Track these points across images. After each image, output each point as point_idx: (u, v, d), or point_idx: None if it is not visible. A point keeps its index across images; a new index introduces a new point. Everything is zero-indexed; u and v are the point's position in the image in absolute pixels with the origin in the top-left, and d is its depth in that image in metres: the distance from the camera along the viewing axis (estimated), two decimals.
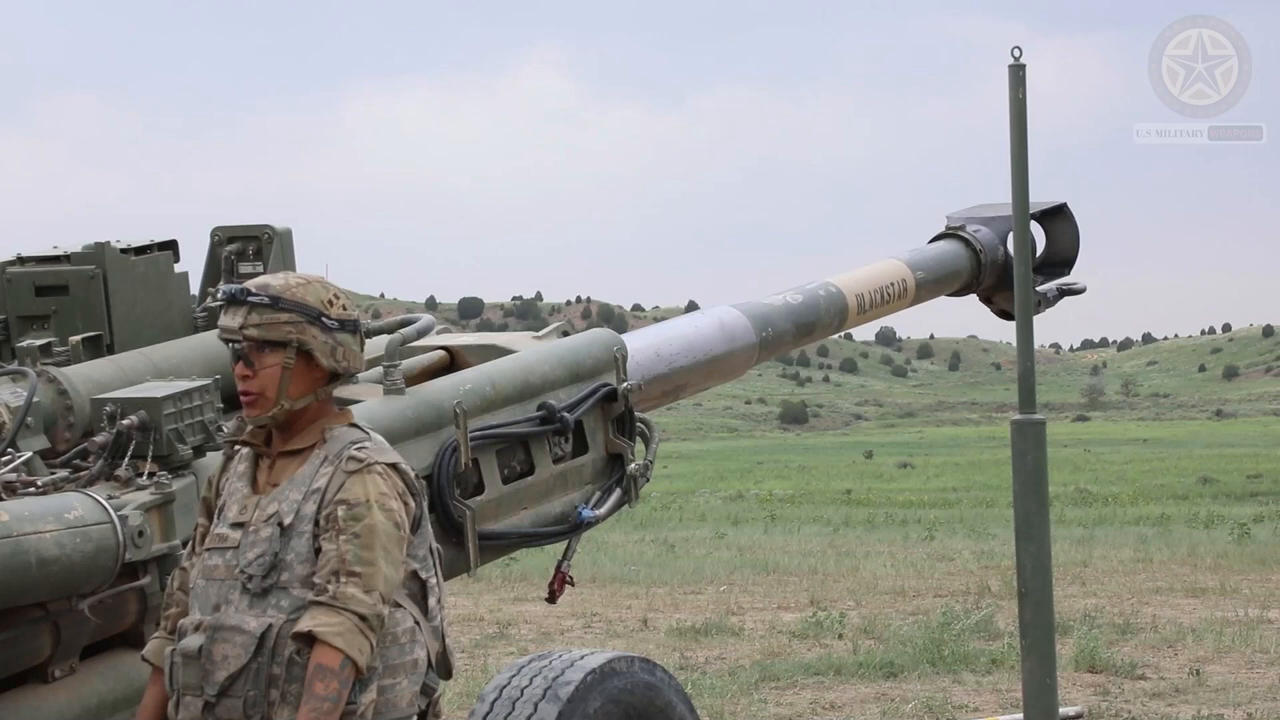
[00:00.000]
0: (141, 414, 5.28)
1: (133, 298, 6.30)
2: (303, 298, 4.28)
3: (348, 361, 4.33)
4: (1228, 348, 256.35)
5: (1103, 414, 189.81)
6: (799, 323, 8.38)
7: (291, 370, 4.28)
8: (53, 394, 5.57)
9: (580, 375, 6.89)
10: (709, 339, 7.87)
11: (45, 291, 6.24)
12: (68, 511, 4.89)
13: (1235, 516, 30.53)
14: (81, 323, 6.17)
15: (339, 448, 4.28)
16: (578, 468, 6.88)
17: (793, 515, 36.52)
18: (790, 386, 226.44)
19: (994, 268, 9.54)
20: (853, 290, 8.70)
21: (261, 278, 4.38)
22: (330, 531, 4.16)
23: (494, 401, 6.46)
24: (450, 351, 7.07)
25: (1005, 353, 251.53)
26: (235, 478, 4.40)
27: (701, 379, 7.91)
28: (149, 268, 6.38)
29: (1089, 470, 66.91)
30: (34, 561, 4.72)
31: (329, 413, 4.38)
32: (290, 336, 4.26)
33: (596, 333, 7.22)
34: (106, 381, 5.71)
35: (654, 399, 7.60)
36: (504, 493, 6.50)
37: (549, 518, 6.73)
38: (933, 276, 9.24)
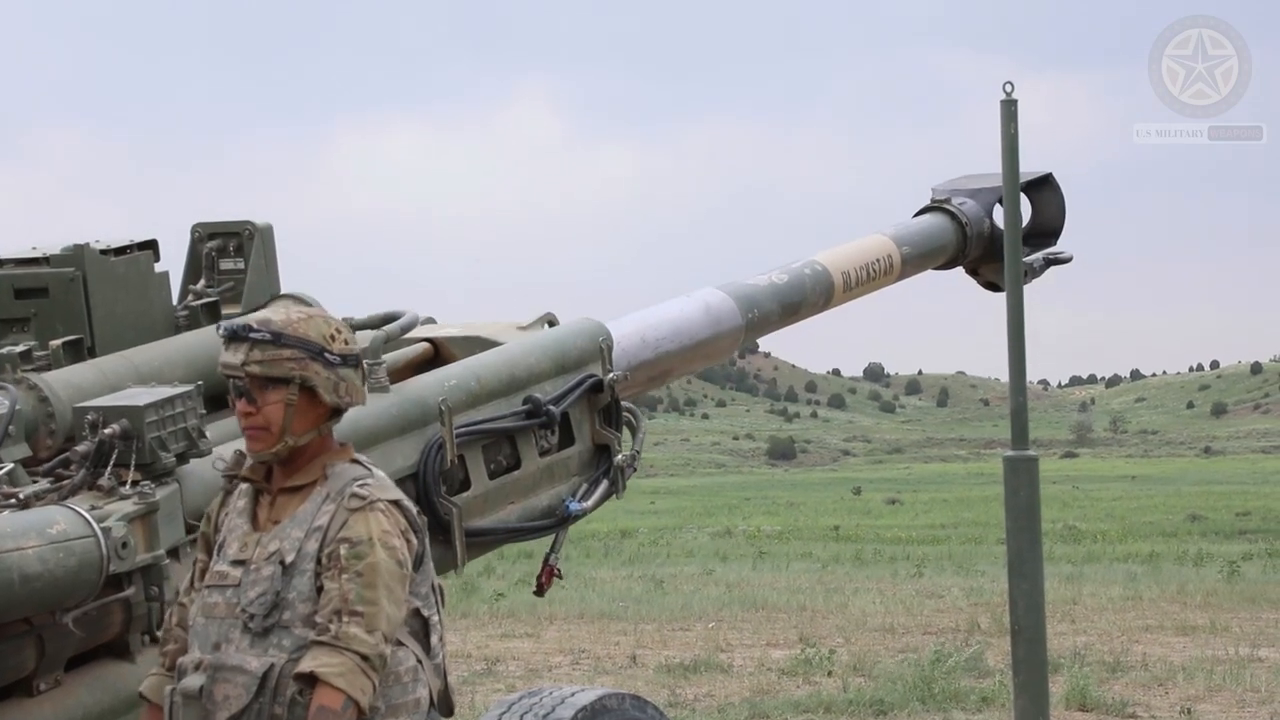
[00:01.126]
0: (124, 422, 5.22)
1: (113, 299, 6.24)
2: (305, 333, 4.27)
3: (350, 396, 4.32)
4: (1216, 385, 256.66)
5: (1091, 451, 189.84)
6: (785, 303, 8.31)
7: (295, 406, 4.26)
8: (34, 401, 5.53)
9: (566, 366, 6.86)
10: (695, 323, 7.80)
11: (24, 294, 6.18)
12: (50, 526, 4.85)
13: (1224, 554, 30.51)
14: (62, 325, 6.12)
15: (341, 485, 4.26)
16: (564, 460, 6.86)
17: (781, 551, 36.44)
18: (778, 422, 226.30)
19: (980, 240, 9.48)
20: (838, 268, 8.63)
21: (263, 312, 4.36)
22: (332, 570, 4.14)
23: (479, 396, 6.44)
24: (434, 343, 7.03)
25: (993, 389, 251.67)
26: (235, 514, 4.38)
27: (688, 363, 7.87)
28: (129, 268, 6.33)
29: (1077, 507, 66.83)
30: (16, 578, 4.70)
31: (330, 448, 4.37)
32: (293, 373, 4.24)
33: (581, 322, 7.17)
34: (88, 387, 5.67)
35: (640, 384, 7.57)
36: (490, 488, 6.47)
37: (536, 511, 6.71)
38: (918, 251, 9.18)
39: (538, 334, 7.02)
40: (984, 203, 9.50)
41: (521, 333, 7.07)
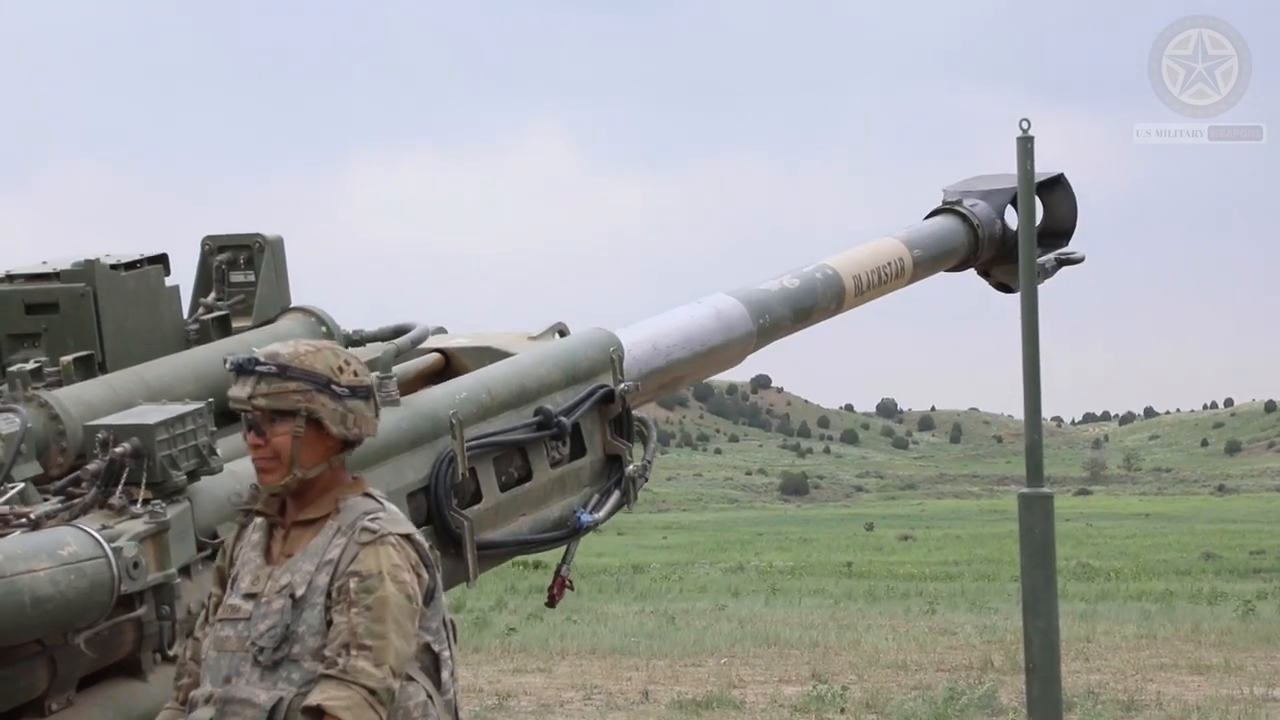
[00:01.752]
0: (134, 441, 5.20)
1: (124, 314, 6.22)
2: (311, 365, 4.25)
3: (359, 428, 4.30)
4: (1230, 423, 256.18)
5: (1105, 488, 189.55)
6: (796, 308, 8.25)
7: (302, 439, 4.24)
8: (45, 419, 5.52)
9: (577, 377, 6.83)
10: (706, 329, 7.75)
11: (35, 309, 6.16)
12: (61, 548, 4.84)
13: (1239, 593, 30.41)
14: (72, 341, 6.10)
15: (353, 518, 4.24)
16: (576, 471, 6.83)
17: (793, 587, 36.38)
18: (791, 458, 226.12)
19: (992, 242, 9.43)
20: (850, 272, 8.56)
21: (271, 346, 4.35)
22: (342, 603, 4.12)
23: (490, 409, 6.41)
24: (445, 354, 7.01)
25: (1007, 425, 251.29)
26: (249, 547, 4.36)
27: (699, 370, 7.83)
28: (139, 283, 6.31)
29: (1091, 545, 66.77)
30: (28, 601, 4.69)
31: (342, 482, 4.35)
32: (299, 405, 4.23)
33: (592, 333, 7.14)
34: (99, 404, 5.65)
35: (652, 392, 7.53)
36: (502, 500, 6.45)
37: (548, 523, 6.68)
38: (930, 254, 9.12)
39: (548, 344, 6.99)
40: (996, 204, 9.44)
41: (532, 343, 7.05)
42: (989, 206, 9.43)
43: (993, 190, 9.49)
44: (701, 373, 7.88)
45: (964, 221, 9.36)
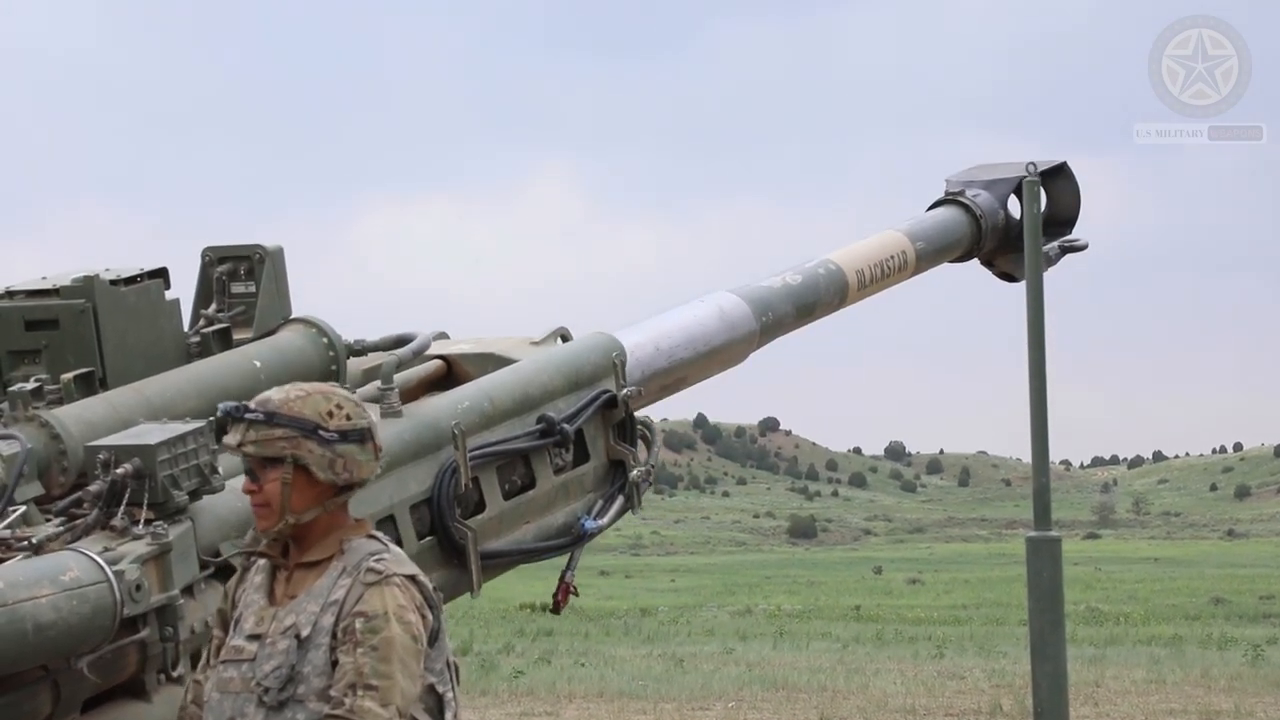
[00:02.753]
0: (136, 461, 5.21)
1: (124, 329, 6.20)
2: (299, 411, 4.24)
3: (349, 473, 4.27)
4: (1239, 467, 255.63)
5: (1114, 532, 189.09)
6: (799, 304, 8.21)
7: (291, 485, 4.23)
8: (46, 439, 5.51)
9: (579, 383, 6.82)
10: (709, 329, 7.72)
11: (35, 326, 6.14)
12: (63, 573, 4.84)
13: (1248, 638, 30.31)
14: (73, 357, 6.08)
15: (357, 559, 4.24)
16: (579, 477, 6.82)
17: (801, 631, 36.28)
18: (799, 500, 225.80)
19: (995, 232, 9.39)
20: (852, 266, 8.52)
21: (265, 392, 4.34)
22: (347, 644, 4.11)
23: (493, 417, 6.41)
24: (448, 361, 7.00)
25: (1015, 469, 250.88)
26: (252, 589, 4.36)
27: (703, 370, 7.79)
28: (139, 298, 6.29)
29: (1100, 589, 66.58)
30: (30, 628, 4.69)
31: (344, 524, 4.33)
32: (285, 452, 4.22)
33: (594, 338, 7.12)
34: (99, 422, 5.64)
35: (655, 393, 7.50)
36: (505, 509, 6.45)
37: (552, 530, 6.68)
38: (933, 246, 9.07)
39: (551, 350, 6.98)
40: (998, 194, 9.40)
41: (534, 348, 7.04)
42: (991, 197, 9.38)
43: (996, 180, 9.44)
44: (705, 372, 7.84)
45: (967, 212, 9.31)
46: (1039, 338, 9.38)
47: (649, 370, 7.32)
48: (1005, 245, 9.46)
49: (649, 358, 7.35)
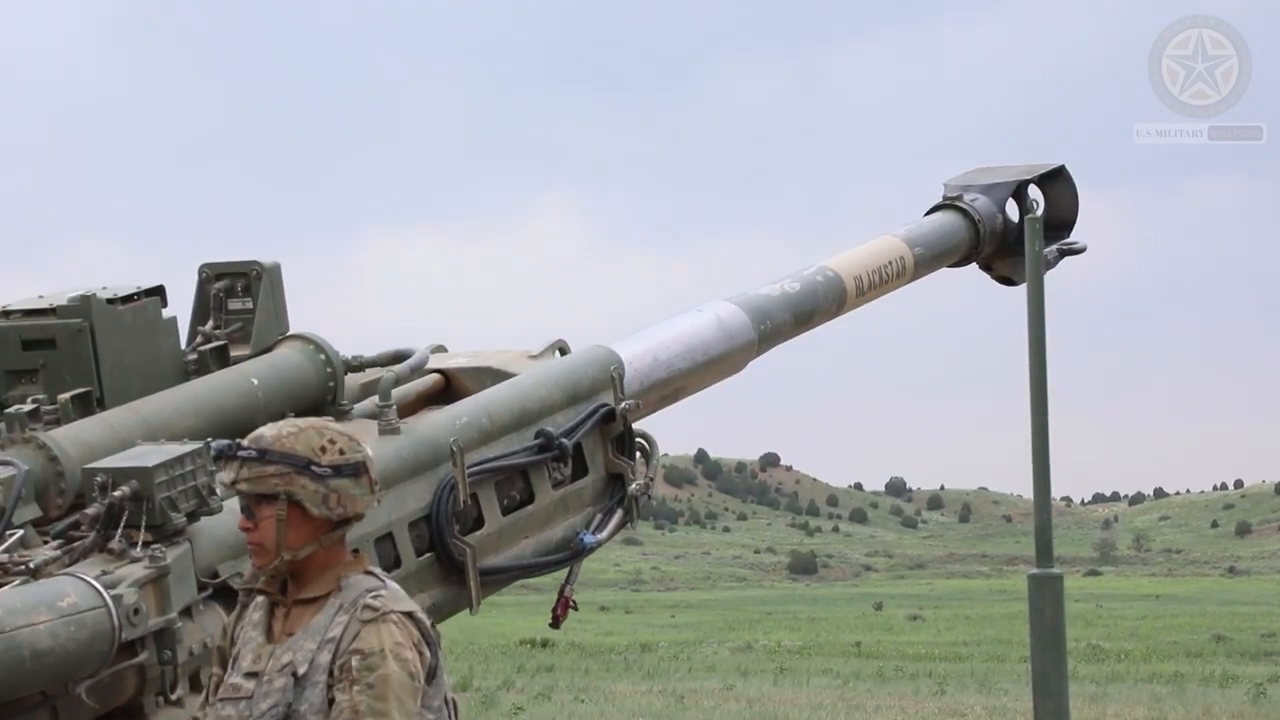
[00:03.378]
0: (133, 484, 5.21)
1: (121, 348, 6.21)
2: (291, 448, 4.21)
3: (343, 508, 4.24)
4: (1240, 504, 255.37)
5: (1115, 569, 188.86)
6: (798, 312, 8.20)
7: (286, 521, 4.20)
8: (43, 460, 5.52)
9: (577, 397, 6.82)
10: (707, 339, 7.71)
11: (32, 345, 6.16)
12: (60, 599, 4.84)
13: (1250, 675, 30.23)
14: (70, 376, 6.09)
15: (355, 596, 4.21)
16: (578, 491, 6.82)
17: (802, 667, 36.20)
18: (799, 536, 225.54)
19: (993, 237, 9.38)
20: (850, 273, 8.50)
21: (259, 429, 4.32)
22: (344, 681, 4.08)
23: (491, 433, 6.41)
24: (445, 375, 7.00)
25: (1016, 505, 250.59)
26: (250, 626, 4.33)
27: (702, 379, 7.78)
28: (136, 316, 6.30)
29: (1101, 626, 66.41)
30: (27, 655, 4.70)
31: (341, 560, 4.31)
32: (278, 489, 4.20)
33: (592, 351, 7.12)
34: (97, 443, 5.65)
35: (654, 403, 7.49)
36: (504, 524, 6.46)
37: (551, 544, 6.68)
38: (931, 252, 9.05)
39: (549, 365, 6.97)
40: (996, 198, 9.38)
41: (532, 362, 7.04)
42: (990, 201, 9.36)
43: (994, 184, 9.43)
44: (703, 382, 7.83)
45: (965, 217, 9.29)
46: (1041, 374, 9.36)
47: (648, 381, 7.32)
48: (1003, 249, 9.46)
49: (648, 368, 7.35)
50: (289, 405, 6.44)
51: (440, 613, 6.33)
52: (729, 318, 7.84)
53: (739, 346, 7.87)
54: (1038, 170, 9.51)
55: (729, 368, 7.92)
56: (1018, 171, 9.49)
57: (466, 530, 6.29)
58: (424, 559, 6.18)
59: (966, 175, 9.64)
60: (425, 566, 6.19)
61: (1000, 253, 9.52)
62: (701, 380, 7.78)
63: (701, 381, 7.79)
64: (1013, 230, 9.38)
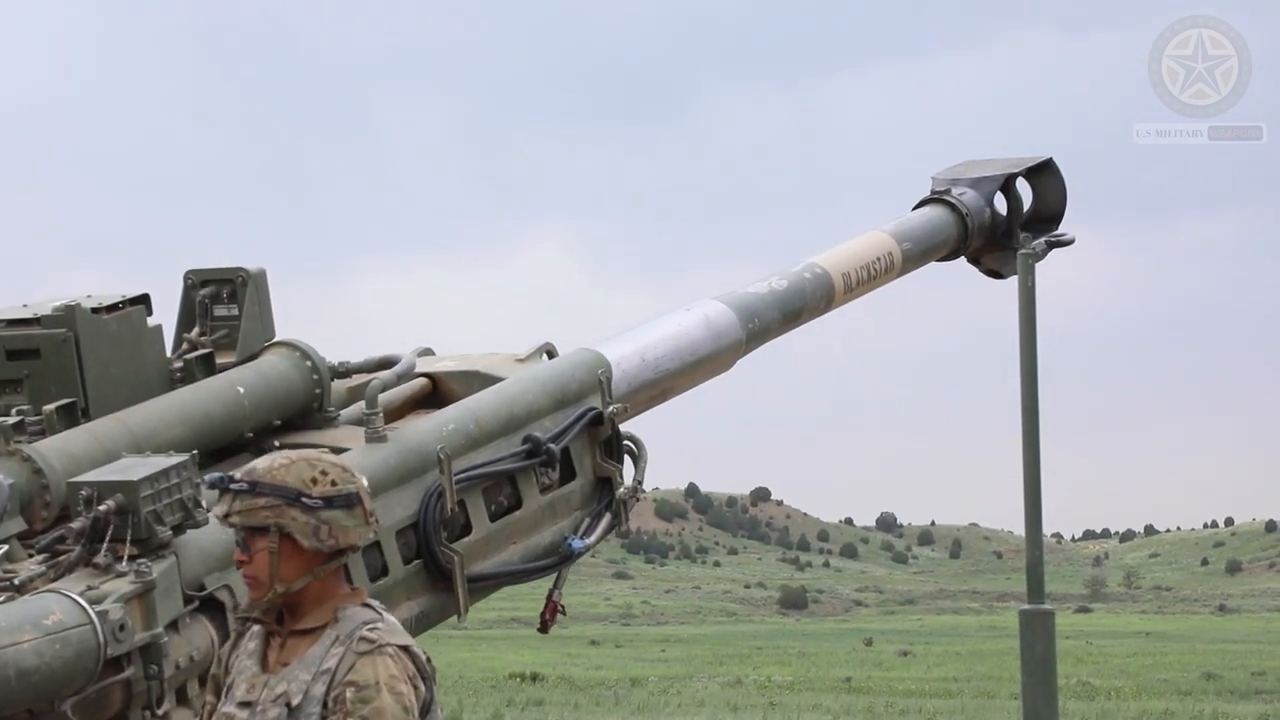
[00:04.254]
0: (119, 497, 5.21)
1: (106, 358, 6.19)
2: (282, 480, 4.22)
3: (334, 539, 4.24)
4: (1230, 542, 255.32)
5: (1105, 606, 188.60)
6: (786, 310, 8.17)
7: (279, 554, 4.21)
8: (28, 473, 5.53)
9: (565, 401, 6.82)
10: (695, 338, 7.68)
11: (16, 355, 6.14)
12: (45, 617, 4.85)
13: (1240, 714, 30.22)
14: (55, 387, 6.08)
15: (351, 628, 4.22)
16: (566, 495, 6.82)
17: (792, 702, 36.11)
18: (790, 571, 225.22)
19: (981, 230, 9.36)
20: (838, 270, 8.47)
21: (252, 461, 4.33)
22: (338, 713, 4.10)
23: (479, 439, 6.41)
24: (433, 379, 6.99)
25: (1007, 541, 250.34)
26: (245, 655, 4.34)
27: (690, 379, 7.77)
28: (121, 325, 6.29)
29: (1091, 663, 66.33)
30: (12, 674, 4.71)
31: (338, 592, 4.31)
32: (268, 521, 4.20)
33: (580, 354, 7.11)
34: (82, 455, 5.65)
35: (643, 404, 7.48)
36: (492, 530, 6.46)
37: (539, 549, 6.68)
38: (920, 247, 9.03)
39: (536, 369, 6.96)
40: (984, 192, 9.34)
41: (520, 365, 7.03)
42: (977, 195, 9.32)
43: (981, 178, 9.39)
44: (692, 381, 7.82)
45: (953, 211, 9.25)
46: (1032, 410, 9.40)
47: (636, 382, 7.31)
48: (992, 243, 9.46)
49: (636, 369, 7.34)
50: (275, 413, 6.45)
51: (428, 621, 6.33)
52: (717, 317, 7.81)
53: (727, 346, 7.84)
54: (1025, 163, 9.48)
55: (717, 367, 7.90)
56: (1005, 165, 9.46)
57: (454, 537, 6.29)
58: (411, 567, 6.18)
59: (954, 168, 9.59)
60: (413, 574, 6.18)
61: (988, 246, 9.51)
62: (690, 380, 7.75)
63: (690, 381, 7.77)
64: (1001, 224, 9.38)
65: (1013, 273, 9.67)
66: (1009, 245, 9.46)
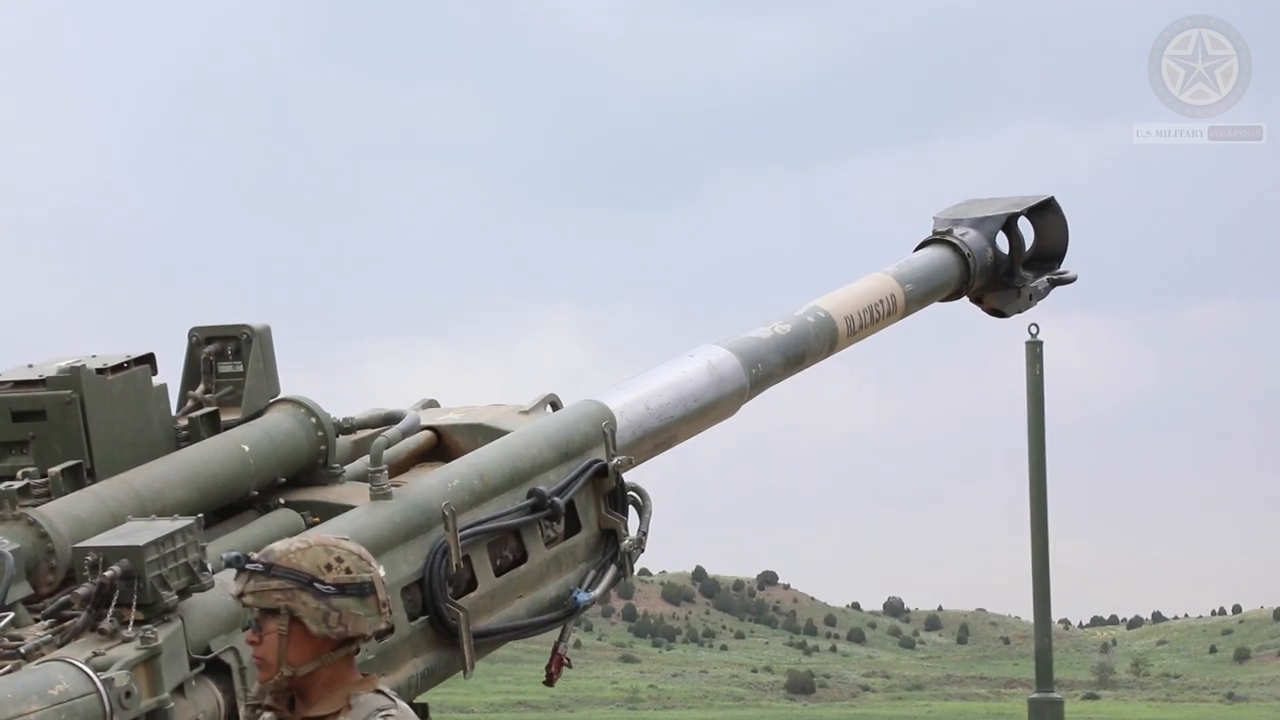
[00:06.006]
0: (124, 563, 5.24)
1: (111, 418, 6.21)
2: (297, 564, 4.25)
3: (344, 627, 4.25)
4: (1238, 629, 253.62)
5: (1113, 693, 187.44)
6: (789, 355, 8.20)
7: (288, 637, 4.23)
8: (34, 538, 5.56)
9: (570, 454, 6.85)
10: (699, 385, 7.71)
11: (22, 417, 6.16)
12: (51, 687, 4.88)
13: None
14: (60, 448, 6.10)
15: (365, 715, 4.26)
16: (570, 548, 6.85)
17: None
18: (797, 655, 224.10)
19: (984, 270, 9.36)
20: (841, 313, 8.51)
21: (272, 544, 4.36)
22: None
23: (483, 495, 6.45)
24: (437, 431, 7.02)
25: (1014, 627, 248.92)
26: None
27: (694, 426, 7.78)
28: (126, 385, 6.30)
29: None
30: None
31: (349, 679, 4.33)
32: (279, 604, 4.23)
33: (584, 406, 7.14)
34: (88, 518, 5.69)
35: (647, 452, 7.50)
36: (497, 585, 6.48)
37: (544, 603, 6.71)
38: (922, 289, 9.06)
39: (540, 422, 6.99)
40: (986, 232, 9.36)
41: (524, 418, 7.05)
42: (980, 235, 9.34)
43: (984, 217, 9.41)
44: (696, 429, 7.83)
45: (955, 251, 9.27)
46: (1041, 496, 9.44)
47: (640, 430, 7.33)
48: (994, 283, 9.43)
49: (640, 418, 7.37)
50: (280, 470, 6.49)
51: (434, 677, 6.34)
52: (720, 362, 7.84)
53: (731, 392, 7.87)
54: (1027, 203, 9.49)
55: (721, 414, 7.92)
56: (1007, 204, 9.47)
57: (459, 593, 6.32)
58: (417, 624, 6.21)
59: (956, 208, 9.60)
60: (418, 631, 6.21)
61: (991, 286, 9.48)
62: (694, 427, 7.78)
63: (694, 428, 7.79)
64: (1003, 263, 9.37)
65: (1015, 311, 9.67)
66: (1011, 284, 9.45)
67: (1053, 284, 9.67)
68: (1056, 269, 9.73)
